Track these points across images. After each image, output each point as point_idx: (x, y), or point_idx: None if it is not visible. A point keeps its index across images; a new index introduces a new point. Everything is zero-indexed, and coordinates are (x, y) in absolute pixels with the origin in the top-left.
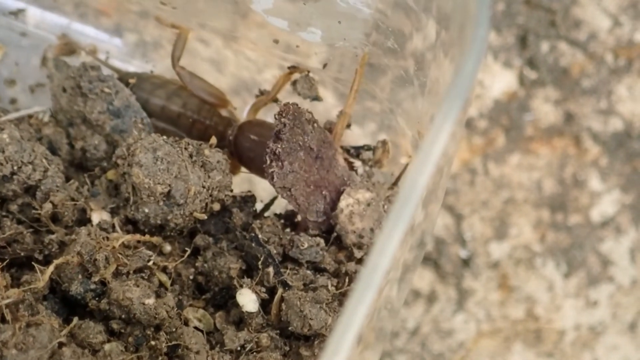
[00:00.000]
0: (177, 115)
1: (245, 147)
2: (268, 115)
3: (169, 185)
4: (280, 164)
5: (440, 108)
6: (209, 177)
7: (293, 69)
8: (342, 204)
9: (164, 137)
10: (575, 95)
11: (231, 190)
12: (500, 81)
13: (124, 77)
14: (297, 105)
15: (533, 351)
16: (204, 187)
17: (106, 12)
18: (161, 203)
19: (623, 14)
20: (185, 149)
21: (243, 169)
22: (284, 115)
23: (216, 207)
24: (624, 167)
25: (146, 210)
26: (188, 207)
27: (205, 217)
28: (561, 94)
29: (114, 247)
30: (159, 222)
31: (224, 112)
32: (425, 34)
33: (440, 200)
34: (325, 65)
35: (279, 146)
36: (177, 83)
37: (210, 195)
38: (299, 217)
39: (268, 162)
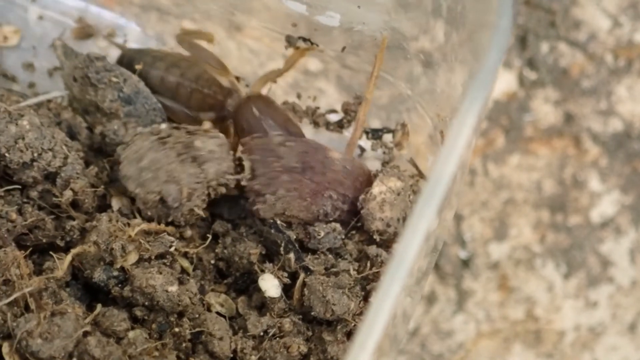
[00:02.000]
0: (175, 86)
1: (246, 120)
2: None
3: (159, 192)
4: (262, 198)
5: (461, 103)
6: (202, 170)
7: (307, 46)
8: (376, 190)
9: (150, 140)
10: (575, 96)
11: (232, 173)
12: (499, 81)
13: (126, 54)
14: (259, 136)
15: (533, 352)
16: (198, 182)
17: (109, 5)
18: (159, 207)
19: (623, 14)
20: (173, 148)
21: None
22: (250, 152)
23: (222, 190)
24: (623, 168)
25: (149, 214)
26: (185, 207)
27: (204, 215)
28: (561, 94)
29: (130, 236)
30: (163, 221)
31: (224, 83)
32: (445, 18)
33: (454, 207)
34: (344, 49)
35: (255, 183)
36: (179, 56)
37: (209, 187)
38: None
39: (251, 200)
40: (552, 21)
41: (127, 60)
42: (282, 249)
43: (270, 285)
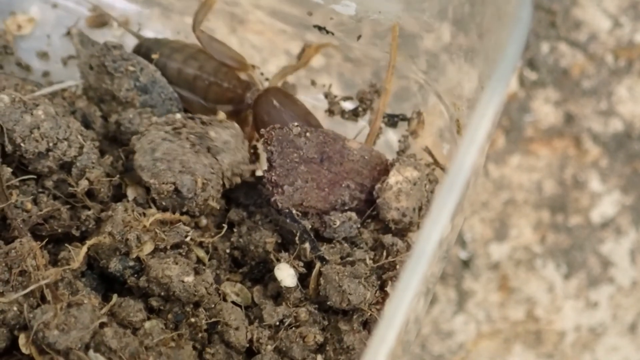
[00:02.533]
0: (193, 78)
1: (266, 112)
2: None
3: (173, 183)
4: (280, 189)
5: (482, 93)
6: (217, 161)
7: (322, 43)
8: (392, 180)
9: (164, 130)
10: (576, 96)
11: (247, 164)
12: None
13: (144, 44)
14: (280, 127)
15: (533, 352)
16: (213, 173)
17: None
18: (174, 196)
19: (623, 14)
20: (187, 139)
21: None
22: (269, 143)
23: (237, 180)
24: (624, 168)
25: (164, 204)
26: (200, 198)
27: (218, 207)
28: (561, 94)
29: (144, 226)
30: (178, 211)
31: (243, 76)
32: (464, 9)
33: (465, 212)
34: (359, 37)
35: (274, 174)
36: (197, 47)
37: (224, 178)
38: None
39: (270, 190)
40: (553, 21)
41: (145, 50)
42: (297, 238)
43: (286, 274)
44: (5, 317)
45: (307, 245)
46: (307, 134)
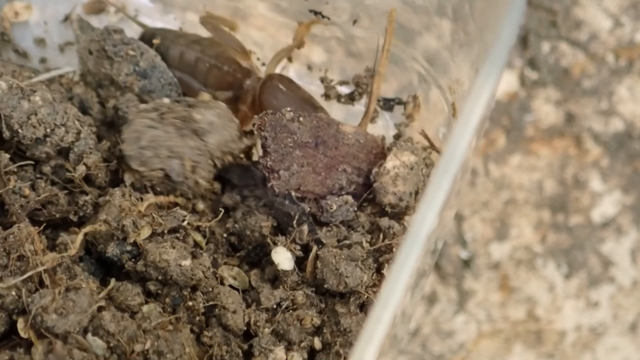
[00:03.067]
0: (195, 61)
1: (274, 97)
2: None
3: (162, 169)
4: (276, 174)
5: (477, 75)
6: (204, 142)
7: (312, 20)
8: (389, 164)
9: (149, 117)
10: (576, 96)
11: (236, 141)
12: (501, 81)
13: (148, 32)
14: (272, 113)
15: (533, 352)
16: (201, 155)
17: None
18: (166, 181)
19: (624, 14)
20: (172, 124)
21: None
22: (262, 128)
23: (228, 159)
24: (624, 168)
25: (159, 189)
26: (190, 180)
27: (213, 187)
28: (562, 94)
29: (139, 212)
30: (172, 195)
31: (243, 64)
32: None
33: (454, 207)
34: (355, 22)
35: (269, 159)
36: (200, 36)
37: (214, 158)
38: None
39: (267, 176)
40: (553, 21)
41: (149, 37)
42: (295, 221)
43: (283, 258)
44: (3, 302)
45: (305, 227)
46: (301, 119)
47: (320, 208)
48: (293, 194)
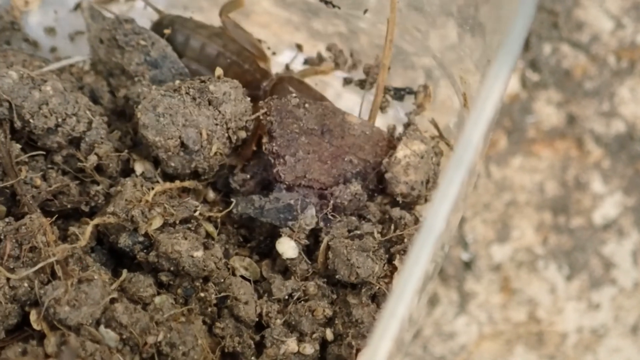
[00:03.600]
0: (215, 55)
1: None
2: None
3: (179, 136)
4: (282, 160)
5: (489, 67)
6: (219, 112)
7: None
8: (400, 154)
9: (163, 89)
10: (578, 97)
11: (249, 115)
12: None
13: (166, 18)
14: (278, 98)
15: (535, 354)
16: (217, 124)
17: None
18: (181, 154)
19: (625, 15)
20: (187, 93)
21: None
22: (268, 113)
23: (242, 134)
24: (626, 170)
25: (173, 164)
26: (207, 150)
27: (227, 161)
28: (563, 96)
29: (147, 201)
30: (187, 171)
31: (262, 66)
32: None
33: (461, 211)
34: (365, 11)
35: (275, 144)
36: (220, 29)
37: (228, 129)
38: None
39: (272, 162)
40: (555, 22)
41: (167, 23)
42: (298, 208)
43: (287, 247)
44: (16, 294)
45: (308, 211)
46: (306, 105)
47: (327, 205)
48: (299, 183)
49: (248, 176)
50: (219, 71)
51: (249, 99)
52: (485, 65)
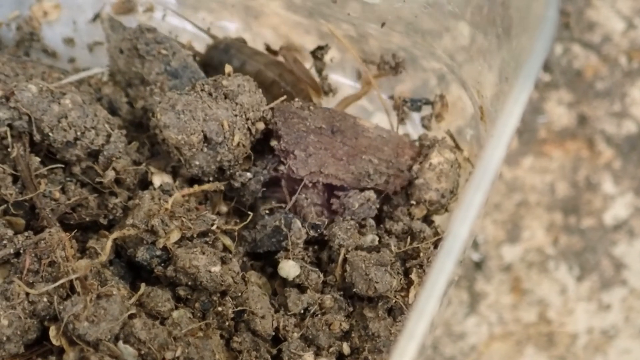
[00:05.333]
0: (270, 83)
1: None
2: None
3: (201, 130)
4: (292, 155)
5: (510, 90)
6: (236, 104)
7: (372, 80)
8: (434, 160)
9: (178, 92)
10: (589, 98)
11: (265, 105)
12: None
13: (221, 43)
14: (281, 102)
15: (545, 355)
16: (236, 115)
17: None
18: (205, 150)
19: (637, 16)
20: (202, 90)
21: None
22: (274, 115)
23: (260, 126)
24: (637, 170)
25: (197, 162)
26: (230, 140)
27: (250, 153)
28: (574, 96)
29: (166, 209)
30: (213, 167)
31: (314, 100)
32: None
33: (481, 217)
34: (383, 24)
35: (282, 142)
36: (276, 59)
37: (247, 119)
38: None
39: (283, 160)
40: (566, 23)
41: (223, 47)
42: (283, 226)
43: (288, 268)
44: (35, 308)
45: (294, 227)
46: (310, 107)
47: (342, 205)
48: (316, 179)
49: (250, 175)
50: (228, 68)
51: (260, 90)
52: (503, 81)
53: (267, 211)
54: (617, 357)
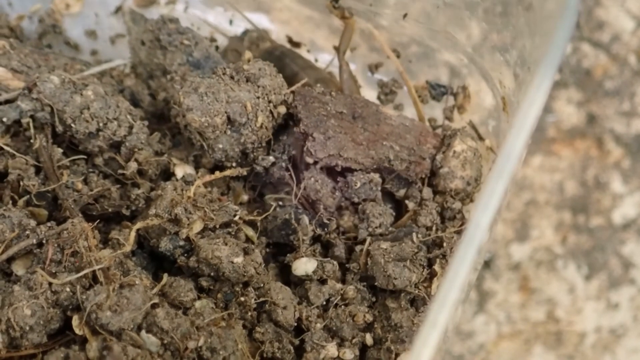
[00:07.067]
0: None
1: None
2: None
3: (225, 112)
4: (311, 137)
5: (531, 81)
6: (258, 86)
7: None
8: (458, 148)
9: (200, 75)
10: (598, 97)
11: (286, 89)
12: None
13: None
14: (302, 87)
15: (553, 353)
16: (257, 97)
17: None
18: (228, 132)
19: None
20: (224, 74)
21: None
22: (295, 99)
23: (282, 110)
24: None
25: (220, 146)
26: (253, 122)
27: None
28: (584, 95)
29: (189, 197)
30: (237, 150)
31: None
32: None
33: (498, 222)
34: (405, 15)
35: (302, 125)
36: (327, 75)
37: (269, 101)
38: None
39: (303, 142)
40: (576, 22)
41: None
42: (293, 220)
43: (303, 267)
44: (58, 298)
45: (302, 223)
46: (332, 93)
47: (346, 184)
48: (335, 162)
49: (273, 159)
50: (248, 54)
51: (281, 77)
52: (525, 71)
53: (279, 202)
54: (626, 356)
